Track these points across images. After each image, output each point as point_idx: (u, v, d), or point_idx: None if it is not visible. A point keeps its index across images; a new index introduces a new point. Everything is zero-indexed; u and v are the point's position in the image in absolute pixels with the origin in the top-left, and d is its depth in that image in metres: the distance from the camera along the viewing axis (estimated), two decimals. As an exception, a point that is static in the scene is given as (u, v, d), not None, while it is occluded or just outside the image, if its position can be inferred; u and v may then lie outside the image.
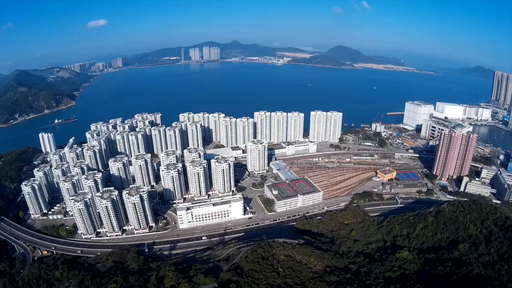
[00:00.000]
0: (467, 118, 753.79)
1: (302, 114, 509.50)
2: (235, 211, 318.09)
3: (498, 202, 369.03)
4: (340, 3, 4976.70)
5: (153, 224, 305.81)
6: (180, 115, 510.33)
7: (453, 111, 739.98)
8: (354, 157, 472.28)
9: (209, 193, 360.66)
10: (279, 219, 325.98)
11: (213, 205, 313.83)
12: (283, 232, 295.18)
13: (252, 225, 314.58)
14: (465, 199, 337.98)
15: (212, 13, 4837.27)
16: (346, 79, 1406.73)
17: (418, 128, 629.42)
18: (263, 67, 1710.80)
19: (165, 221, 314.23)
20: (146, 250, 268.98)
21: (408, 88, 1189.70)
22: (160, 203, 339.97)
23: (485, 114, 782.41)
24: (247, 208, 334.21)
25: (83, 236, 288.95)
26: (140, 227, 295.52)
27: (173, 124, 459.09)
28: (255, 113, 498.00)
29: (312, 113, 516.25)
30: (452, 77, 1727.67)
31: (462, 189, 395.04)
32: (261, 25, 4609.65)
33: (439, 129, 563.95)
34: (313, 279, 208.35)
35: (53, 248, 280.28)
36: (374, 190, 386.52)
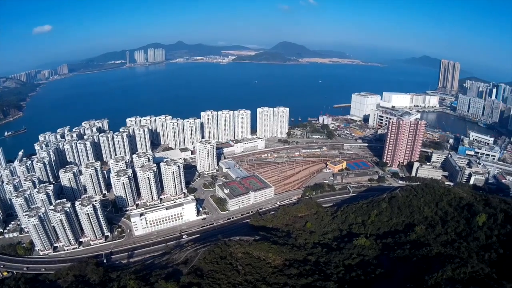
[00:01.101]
0: (414, 106, 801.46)
1: (248, 112, 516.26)
2: (188, 213, 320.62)
3: (451, 184, 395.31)
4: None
5: (109, 234, 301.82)
6: (127, 120, 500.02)
7: (400, 100, 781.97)
8: (303, 151, 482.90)
9: (161, 197, 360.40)
10: (233, 218, 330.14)
11: (166, 209, 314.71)
12: (238, 230, 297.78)
13: (207, 225, 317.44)
14: (418, 183, 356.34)
15: (155, 14, 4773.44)
16: (291, 74, 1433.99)
17: (366, 118, 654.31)
18: (208, 66, 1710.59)
19: (120, 229, 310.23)
20: (105, 261, 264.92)
21: (354, 80, 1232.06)
22: (114, 211, 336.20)
23: (432, 101, 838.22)
24: (200, 209, 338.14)
25: (41, 253, 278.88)
26: (96, 237, 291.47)
27: (121, 130, 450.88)
28: (202, 113, 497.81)
29: (259, 109, 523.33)
30: (398, 67, 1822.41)
31: (413, 174, 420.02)
32: (205, 25, 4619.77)
33: (386, 118, 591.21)
34: (274, 273, 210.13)
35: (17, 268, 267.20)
36: (325, 181, 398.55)
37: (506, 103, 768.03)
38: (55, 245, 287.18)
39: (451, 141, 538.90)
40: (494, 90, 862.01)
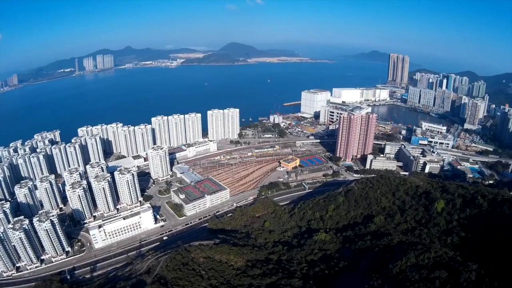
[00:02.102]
0: (365, 100, 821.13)
1: (199, 115, 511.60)
2: (146, 222, 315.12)
3: (406, 173, 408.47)
4: (233, 0, 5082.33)
5: (69, 249, 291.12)
6: (79, 130, 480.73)
7: (350, 95, 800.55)
8: (256, 151, 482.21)
9: (117, 207, 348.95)
10: (191, 223, 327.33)
11: (124, 218, 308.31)
12: (197, 234, 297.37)
13: (166, 232, 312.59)
14: (373, 175, 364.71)
15: (103, 18, 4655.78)
16: (240, 75, 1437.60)
17: (317, 115, 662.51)
18: (157, 71, 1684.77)
19: (80, 243, 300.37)
20: (68, 277, 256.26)
21: (304, 77, 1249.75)
22: (72, 225, 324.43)
23: (383, 94, 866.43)
24: (158, 216, 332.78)
25: (5, 274, 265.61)
26: (57, 254, 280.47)
27: (73, 140, 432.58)
28: (153, 119, 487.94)
29: (209, 112, 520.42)
30: (347, 63, 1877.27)
31: (368, 166, 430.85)
32: (153, 28, 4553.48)
33: (337, 113, 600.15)
34: (237, 275, 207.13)
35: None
36: (280, 180, 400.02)
37: (457, 92, 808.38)
38: (17, 265, 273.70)
39: (403, 132, 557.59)
40: (445, 81, 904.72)
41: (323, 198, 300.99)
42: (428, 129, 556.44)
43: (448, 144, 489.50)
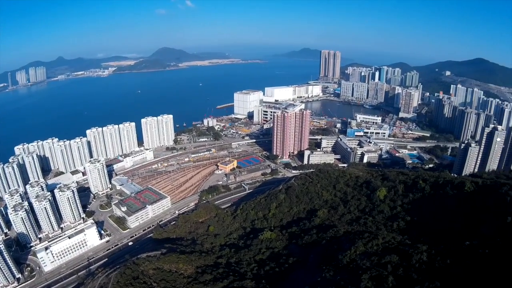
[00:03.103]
0: (298, 97, 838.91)
1: (133, 123, 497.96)
2: (91, 238, 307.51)
3: (345, 165, 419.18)
4: (163, 4, 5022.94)
5: (20, 275, 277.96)
6: (15, 148, 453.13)
7: (283, 93, 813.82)
8: (192, 156, 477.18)
9: (61, 226, 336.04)
10: (136, 235, 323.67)
11: (69, 237, 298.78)
12: (144, 246, 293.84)
13: (112, 247, 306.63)
14: (311, 170, 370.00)
15: (33, 29, 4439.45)
16: (172, 80, 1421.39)
17: (250, 115, 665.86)
18: (89, 81, 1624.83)
19: (29, 268, 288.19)
20: None
21: (236, 79, 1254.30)
22: (19, 250, 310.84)
23: (315, 90, 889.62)
24: (102, 232, 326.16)
25: None
26: (9, 282, 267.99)
27: (10, 160, 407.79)
28: (88, 131, 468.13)
29: (143, 120, 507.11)
30: (279, 62, 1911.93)
31: (305, 162, 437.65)
32: (84, 37, 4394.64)
33: (271, 112, 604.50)
34: (189, 283, 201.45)
35: None
36: (219, 183, 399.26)
37: (390, 83, 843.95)
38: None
39: (338, 125, 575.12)
40: (377, 73, 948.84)
41: (264, 197, 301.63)
42: (363, 121, 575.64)
43: (384, 133, 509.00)
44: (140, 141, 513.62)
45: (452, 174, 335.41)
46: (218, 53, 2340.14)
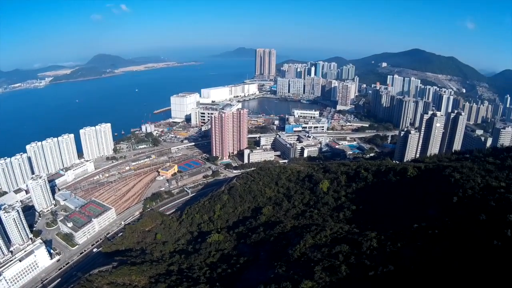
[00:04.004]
0: (234, 97, 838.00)
1: (72, 135, 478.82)
2: (42, 259, 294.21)
3: (286, 161, 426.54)
4: (98, 10, 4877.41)
5: None
6: None
7: (220, 94, 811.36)
8: (133, 164, 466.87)
9: (11, 249, 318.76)
10: (85, 250, 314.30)
11: (20, 261, 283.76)
12: (95, 261, 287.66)
13: (64, 266, 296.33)
14: (252, 168, 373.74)
15: None
16: (108, 87, 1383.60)
17: (188, 118, 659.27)
18: (26, 93, 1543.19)
19: None
20: None
21: (172, 82, 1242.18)
22: None
23: (252, 89, 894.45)
24: (51, 251, 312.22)
25: None
26: None
27: None
28: (27, 147, 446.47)
29: (81, 131, 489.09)
30: (214, 62, 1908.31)
31: (246, 161, 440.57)
32: (20, 46, 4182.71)
33: (208, 113, 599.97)
34: None
35: None
36: (162, 189, 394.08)
37: (327, 77, 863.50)
38: None
39: (276, 122, 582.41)
40: (313, 69, 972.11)
41: (208, 200, 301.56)
42: (301, 116, 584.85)
43: (323, 127, 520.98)
44: (80, 153, 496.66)
45: (394, 161, 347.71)
46: (153, 57, 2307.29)
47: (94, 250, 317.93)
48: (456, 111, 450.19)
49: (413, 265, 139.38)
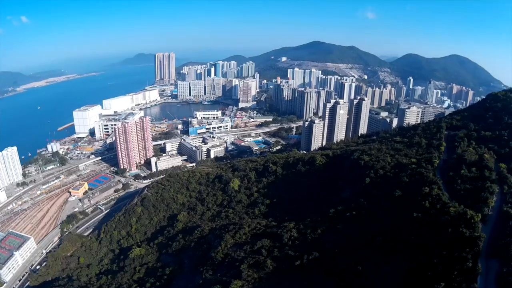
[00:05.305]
0: (136, 105, 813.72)
1: None
2: None
3: (193, 165, 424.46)
4: None
5: None
6: None
7: (121, 103, 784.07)
8: (44, 187, 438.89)
9: None
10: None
11: None
12: None
13: None
14: (162, 176, 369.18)
15: None
16: (11, 107, 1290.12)
17: (92, 132, 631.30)
18: None
19: None
20: None
21: (74, 96, 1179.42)
22: None
23: (153, 95, 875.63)
24: None
25: None
26: None
27: None
28: None
29: None
30: (114, 71, 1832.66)
31: (154, 169, 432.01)
32: None
33: (111, 125, 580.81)
34: None
35: None
36: (75, 210, 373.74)
37: (227, 77, 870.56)
38: None
39: (180, 126, 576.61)
40: (213, 69, 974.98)
41: (123, 214, 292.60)
42: (204, 118, 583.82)
43: (226, 126, 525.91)
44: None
45: (301, 152, 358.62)
46: (54, 71, 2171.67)
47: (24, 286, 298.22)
48: (359, 97, 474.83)
49: (336, 248, 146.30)
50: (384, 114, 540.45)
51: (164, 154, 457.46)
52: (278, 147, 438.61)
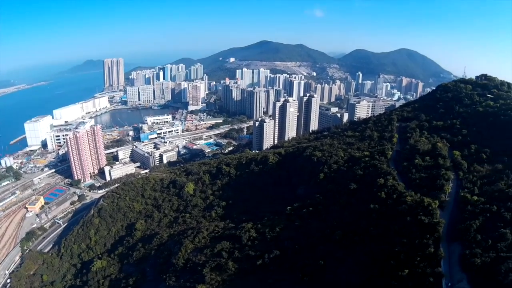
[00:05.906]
0: (86, 113, 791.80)
1: None
2: None
3: (147, 171, 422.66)
4: None
5: None
6: None
7: (71, 113, 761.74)
8: (0, 204, 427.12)
9: None
10: None
11: None
12: None
13: None
14: (116, 185, 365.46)
15: None
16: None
17: (45, 144, 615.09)
18: None
19: None
20: None
21: (24, 107, 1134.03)
22: None
23: (102, 102, 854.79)
24: None
25: None
26: None
27: None
28: None
29: None
30: (63, 79, 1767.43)
31: (108, 178, 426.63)
32: None
33: (63, 136, 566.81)
34: None
35: None
36: (34, 226, 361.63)
37: (176, 80, 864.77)
38: None
39: (131, 133, 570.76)
40: (161, 73, 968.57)
41: (81, 227, 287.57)
42: (154, 123, 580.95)
43: (177, 130, 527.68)
44: None
45: (253, 151, 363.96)
46: (3, 81, 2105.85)
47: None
48: (308, 94, 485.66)
49: (296, 245, 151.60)
50: (334, 109, 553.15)
51: (117, 162, 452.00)
52: (230, 148, 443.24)
